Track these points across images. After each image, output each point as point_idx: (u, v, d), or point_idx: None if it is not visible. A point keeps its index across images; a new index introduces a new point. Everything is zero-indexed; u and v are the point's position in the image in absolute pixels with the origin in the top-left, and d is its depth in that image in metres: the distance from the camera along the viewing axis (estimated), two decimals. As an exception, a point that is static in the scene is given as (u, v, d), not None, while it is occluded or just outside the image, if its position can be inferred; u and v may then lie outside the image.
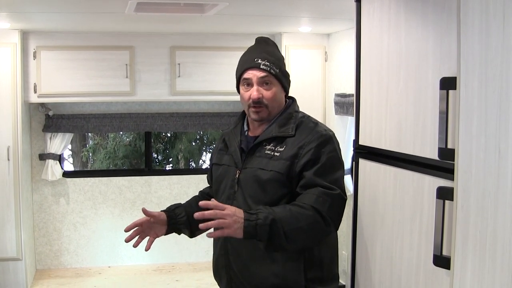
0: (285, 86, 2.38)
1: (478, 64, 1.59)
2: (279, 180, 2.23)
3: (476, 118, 1.60)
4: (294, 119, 2.34)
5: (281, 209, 2.12)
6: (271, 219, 2.04)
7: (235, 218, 2.01)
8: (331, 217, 2.16)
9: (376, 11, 2.31)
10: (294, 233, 2.09)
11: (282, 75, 2.34)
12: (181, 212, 2.46)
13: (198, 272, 5.64)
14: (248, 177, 2.29)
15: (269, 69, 2.29)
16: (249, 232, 2.02)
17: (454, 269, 1.69)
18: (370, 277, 2.35)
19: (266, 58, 2.31)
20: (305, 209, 2.12)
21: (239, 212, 2.04)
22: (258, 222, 2.03)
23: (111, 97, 5.28)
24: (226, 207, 2.03)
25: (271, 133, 2.31)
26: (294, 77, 5.10)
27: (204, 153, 10.59)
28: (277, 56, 2.38)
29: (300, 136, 2.27)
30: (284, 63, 2.41)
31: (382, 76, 2.25)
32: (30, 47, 4.98)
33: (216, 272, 2.47)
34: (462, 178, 1.66)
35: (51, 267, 5.70)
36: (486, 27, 1.55)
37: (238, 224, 2.01)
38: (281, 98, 2.38)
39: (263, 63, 2.30)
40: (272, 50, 2.39)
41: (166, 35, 5.26)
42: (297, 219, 2.09)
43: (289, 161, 2.22)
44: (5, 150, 4.77)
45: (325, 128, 2.33)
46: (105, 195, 5.82)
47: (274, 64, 2.31)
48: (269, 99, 2.31)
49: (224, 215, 2.00)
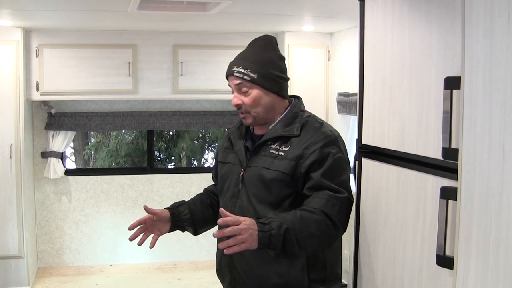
0: (270, 89, 2.31)
1: (482, 64, 1.58)
2: (283, 180, 2.22)
3: (480, 117, 1.59)
4: (299, 118, 2.32)
5: (291, 215, 2.10)
6: (285, 228, 2.02)
7: (251, 231, 1.98)
8: (340, 221, 2.16)
9: (379, 10, 2.30)
10: (306, 239, 2.08)
11: (262, 79, 2.28)
12: (184, 210, 2.46)
13: (200, 270, 5.63)
14: (252, 176, 2.28)
15: (242, 76, 2.28)
16: (263, 243, 2.00)
17: (457, 269, 1.68)
18: (372, 277, 2.35)
19: (242, 64, 2.30)
20: (315, 214, 2.11)
21: (253, 223, 2.01)
22: (272, 232, 2.01)
23: (113, 95, 5.28)
24: (242, 221, 1.99)
25: (276, 132, 2.30)
26: (296, 76, 5.17)
27: (206, 152, 10.59)
28: (263, 58, 2.32)
29: (305, 136, 2.25)
30: (275, 65, 2.33)
31: (385, 75, 2.24)
32: (32, 45, 4.99)
33: (219, 271, 2.46)
34: (465, 178, 1.65)
35: (53, 265, 5.70)
36: (491, 26, 1.54)
37: (254, 236, 1.99)
38: (269, 101, 2.32)
39: (237, 70, 2.30)
40: (259, 52, 2.34)
41: (168, 33, 5.25)
42: (308, 226, 2.08)
43: (294, 161, 2.21)
44: (7, 148, 4.77)
45: (331, 128, 2.32)
46: (107, 194, 5.82)
47: (250, 69, 2.27)
48: (249, 104, 2.30)
49: (241, 230, 1.97)
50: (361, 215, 2.44)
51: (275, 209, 2.22)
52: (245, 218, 2.03)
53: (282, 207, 2.23)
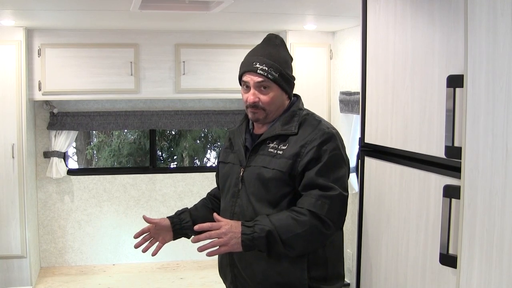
0: (285, 90, 2.35)
1: (485, 62, 1.58)
2: (281, 178, 2.23)
3: (483, 116, 1.58)
4: (297, 116, 2.33)
5: (278, 217, 2.16)
6: (266, 230, 2.10)
7: (231, 235, 2.09)
8: (331, 219, 2.17)
9: (382, 8, 2.30)
10: (292, 240, 2.13)
11: (282, 79, 2.31)
12: (185, 217, 2.51)
13: (203, 270, 5.63)
14: (251, 175, 2.30)
15: (266, 74, 2.27)
16: (247, 245, 2.11)
17: (461, 268, 1.68)
18: (375, 276, 2.34)
19: (264, 62, 2.29)
20: (302, 214, 2.15)
21: (235, 227, 2.11)
22: (254, 235, 2.10)
23: (115, 95, 5.28)
24: (222, 225, 2.10)
25: (274, 131, 2.31)
26: (299, 75, 5.15)
27: (209, 151, 10.59)
28: (281, 58, 2.34)
29: (302, 135, 2.26)
30: (288, 65, 2.37)
31: (388, 73, 2.24)
32: (34, 45, 4.98)
33: (221, 270, 2.49)
34: (469, 176, 1.65)
35: (56, 264, 5.71)
36: (494, 24, 1.54)
37: (235, 239, 2.09)
38: (281, 100, 2.36)
39: (261, 68, 2.28)
40: (276, 51, 2.35)
41: (170, 32, 5.25)
42: (294, 226, 2.13)
43: (291, 160, 2.22)
44: (9, 147, 4.77)
45: (328, 125, 2.32)
46: (110, 193, 5.82)
47: (273, 68, 2.28)
48: (266, 103, 2.30)
49: (219, 234, 2.08)
50: (364, 213, 2.44)
51: (273, 207, 2.24)
52: (227, 222, 2.13)
53: (280, 205, 2.24)
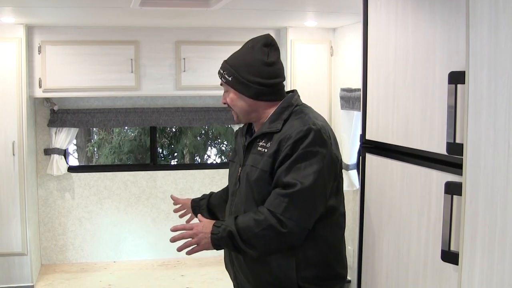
0: (243, 93, 2.31)
1: (487, 58, 1.57)
2: (264, 178, 2.23)
3: (485, 112, 1.58)
4: (286, 112, 2.29)
5: (244, 217, 2.21)
6: (228, 230, 2.17)
7: (201, 235, 2.20)
8: (289, 217, 2.12)
9: (383, 5, 2.29)
10: (252, 240, 2.17)
11: (235, 83, 2.30)
12: (203, 204, 2.73)
13: (204, 267, 5.63)
14: (244, 174, 2.33)
15: (221, 77, 2.38)
16: (215, 244, 2.21)
17: (463, 264, 1.68)
18: (377, 273, 2.34)
19: (223, 65, 2.38)
20: (261, 213, 2.17)
21: (206, 227, 2.21)
22: (218, 236, 2.19)
23: (116, 92, 5.27)
24: (194, 226, 2.23)
25: (262, 129, 2.32)
26: (299, 72, 5.17)
27: (209, 148, 10.60)
28: (241, 61, 2.32)
29: (284, 131, 2.22)
30: (250, 69, 2.29)
31: (389, 70, 2.24)
32: (35, 42, 4.98)
33: (226, 267, 2.55)
34: (470, 173, 1.64)
35: (56, 262, 5.71)
36: (495, 20, 1.53)
37: (205, 239, 2.20)
38: (244, 104, 2.33)
39: (219, 71, 2.39)
40: (241, 54, 2.36)
41: (171, 29, 5.24)
42: (253, 226, 2.16)
43: (271, 158, 2.21)
44: (10, 145, 4.77)
45: (310, 121, 2.21)
46: (110, 190, 5.82)
47: (226, 71, 2.34)
48: (230, 104, 2.38)
49: (191, 234, 2.21)
50: (365, 210, 2.44)
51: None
52: (199, 223, 2.24)
53: None
